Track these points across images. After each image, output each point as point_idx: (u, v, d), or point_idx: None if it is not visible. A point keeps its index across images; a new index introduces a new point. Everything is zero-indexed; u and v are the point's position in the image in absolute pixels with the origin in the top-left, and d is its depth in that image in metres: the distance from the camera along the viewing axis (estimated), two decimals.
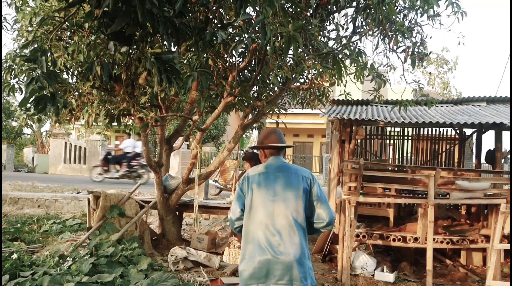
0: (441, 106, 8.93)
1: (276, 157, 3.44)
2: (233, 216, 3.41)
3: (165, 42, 4.70)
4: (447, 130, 9.92)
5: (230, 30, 4.94)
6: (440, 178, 6.51)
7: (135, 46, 3.14)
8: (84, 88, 5.27)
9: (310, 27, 5.32)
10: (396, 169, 8.84)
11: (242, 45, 4.38)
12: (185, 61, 5.58)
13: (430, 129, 9.89)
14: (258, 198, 3.26)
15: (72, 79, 5.69)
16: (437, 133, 10.00)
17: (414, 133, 10.14)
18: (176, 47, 4.25)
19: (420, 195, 8.61)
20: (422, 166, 9.07)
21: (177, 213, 8.21)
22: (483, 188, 6.64)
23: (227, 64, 5.62)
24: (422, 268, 7.38)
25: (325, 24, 5.96)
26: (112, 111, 5.86)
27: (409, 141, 10.42)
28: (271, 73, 6.07)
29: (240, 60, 6.22)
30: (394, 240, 6.69)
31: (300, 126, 27.52)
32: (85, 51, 4.09)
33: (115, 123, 6.31)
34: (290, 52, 4.91)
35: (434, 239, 6.50)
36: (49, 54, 3.40)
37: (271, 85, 6.72)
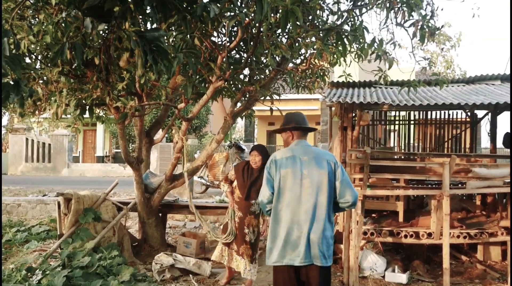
0: (451, 86, 8.90)
1: (301, 140, 4.00)
2: (265, 199, 3.91)
3: (143, 19, 4.57)
4: (457, 112, 9.91)
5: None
6: (455, 165, 6.47)
7: (114, 24, 2.99)
8: (51, 74, 5.08)
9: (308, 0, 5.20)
10: (403, 157, 8.83)
11: (235, 22, 4.24)
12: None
13: (439, 112, 9.86)
14: (286, 181, 3.80)
15: (36, 64, 5.50)
16: (446, 116, 9.98)
17: (421, 117, 10.11)
18: (159, 24, 4.09)
19: (430, 185, 8.59)
20: (434, 153, 9.05)
21: (160, 215, 8.09)
22: (502, 175, 6.61)
23: (215, 44, 5.47)
24: (435, 266, 7.39)
25: None
26: (84, 100, 5.68)
27: (415, 126, 10.39)
28: (265, 52, 5.94)
29: (228, 39, 6.08)
30: (405, 236, 6.63)
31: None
32: (53, 31, 3.92)
33: (86, 115, 6.13)
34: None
35: (449, 233, 6.47)
36: (11, 36, 3.23)
37: (265, 67, 6.60)
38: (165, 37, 4.53)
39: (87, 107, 5.86)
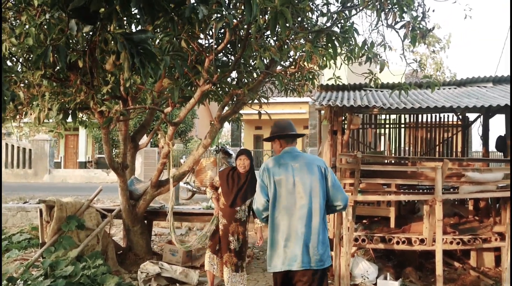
0: (443, 89, 8.96)
1: (291, 148, 4.17)
2: (260, 207, 4.07)
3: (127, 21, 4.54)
4: (448, 115, 9.97)
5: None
6: (447, 170, 6.50)
7: (99, 26, 2.96)
8: (33, 78, 5.04)
9: (295, 1, 5.20)
10: (393, 161, 8.85)
11: (222, 23, 4.23)
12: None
13: (430, 115, 9.91)
14: (280, 189, 3.98)
15: (18, 67, 5.44)
16: (438, 119, 10.03)
17: (412, 120, 10.14)
18: (145, 26, 4.07)
19: (421, 190, 8.63)
20: (426, 157, 9.10)
21: (146, 222, 8.04)
22: (496, 180, 6.66)
23: (202, 47, 5.46)
24: (428, 273, 7.41)
25: None
26: (67, 104, 5.63)
27: (406, 129, 10.44)
28: (253, 55, 5.93)
29: (214, 41, 6.07)
30: (398, 243, 6.65)
31: (279, 116, 27.38)
32: (35, 33, 3.89)
33: (69, 119, 6.08)
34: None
35: (442, 239, 6.49)
36: None
37: (254, 70, 6.60)
38: (152, 39, 4.52)
39: (70, 111, 5.82)
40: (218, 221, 6.08)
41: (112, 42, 2.99)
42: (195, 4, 3.15)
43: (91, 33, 4.04)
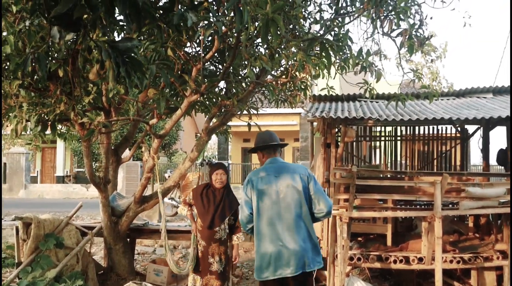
0: (441, 100, 9.04)
1: (273, 158, 4.46)
2: (244, 219, 4.38)
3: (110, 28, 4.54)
4: (446, 127, 10.03)
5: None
6: (447, 184, 6.52)
7: (82, 33, 2.96)
8: (10, 87, 5.00)
9: (286, 8, 5.24)
10: (390, 176, 8.88)
11: (211, 31, 4.25)
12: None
13: (428, 127, 9.96)
14: (263, 200, 4.24)
15: None
16: (435, 132, 10.08)
17: (408, 133, 10.19)
18: (131, 33, 4.07)
19: (419, 206, 8.66)
20: (424, 172, 9.14)
21: (128, 240, 7.98)
22: (497, 195, 6.69)
23: (189, 55, 5.46)
24: None
25: (307, 5, 5.90)
26: (46, 116, 5.60)
27: (402, 142, 10.47)
28: (243, 63, 5.94)
29: (201, 50, 6.09)
30: (395, 261, 6.66)
31: (269, 128, 27.31)
32: (14, 41, 3.88)
33: (48, 131, 6.04)
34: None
35: (442, 258, 6.49)
36: None
37: (243, 79, 6.61)
38: (137, 48, 4.51)
39: (49, 123, 5.78)
40: (197, 242, 6.03)
41: (96, 50, 2.99)
42: (184, 11, 3.15)
43: (71, 40, 4.04)
